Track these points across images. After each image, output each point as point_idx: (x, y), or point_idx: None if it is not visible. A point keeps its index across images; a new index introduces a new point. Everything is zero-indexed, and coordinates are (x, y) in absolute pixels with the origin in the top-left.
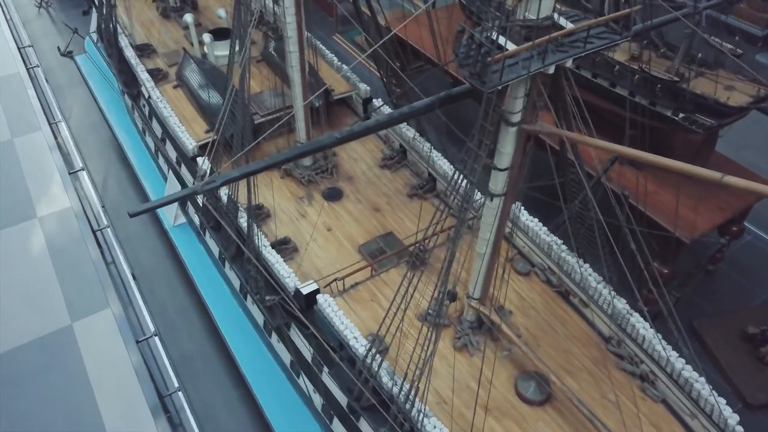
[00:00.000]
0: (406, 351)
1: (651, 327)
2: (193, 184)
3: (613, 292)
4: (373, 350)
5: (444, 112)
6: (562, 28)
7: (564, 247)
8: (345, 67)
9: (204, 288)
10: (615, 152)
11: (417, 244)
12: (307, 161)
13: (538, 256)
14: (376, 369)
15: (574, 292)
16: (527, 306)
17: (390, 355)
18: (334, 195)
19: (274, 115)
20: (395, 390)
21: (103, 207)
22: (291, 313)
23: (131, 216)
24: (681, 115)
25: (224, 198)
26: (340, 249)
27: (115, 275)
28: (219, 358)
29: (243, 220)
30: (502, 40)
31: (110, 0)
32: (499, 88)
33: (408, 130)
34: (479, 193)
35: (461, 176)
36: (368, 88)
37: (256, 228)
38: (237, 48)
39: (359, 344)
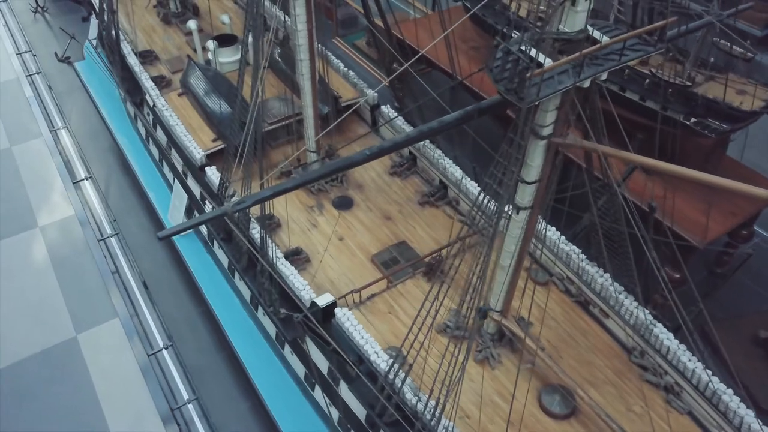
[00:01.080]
0: (428, 364)
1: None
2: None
3: (635, 303)
4: (396, 366)
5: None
6: (595, 40)
7: (583, 256)
8: (351, 73)
9: (213, 299)
10: (651, 167)
11: (434, 255)
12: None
13: (557, 266)
14: (400, 385)
15: (594, 302)
16: (547, 317)
17: (413, 369)
18: (344, 204)
19: (282, 123)
20: (420, 406)
21: (114, 219)
22: (311, 328)
23: (160, 239)
24: (693, 119)
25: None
26: (353, 259)
27: (120, 285)
28: (229, 370)
29: (255, 232)
30: (534, 52)
31: (112, 6)
32: (536, 103)
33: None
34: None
35: (489, 191)
36: (376, 94)
37: (269, 240)
38: (249, 56)
39: (381, 359)
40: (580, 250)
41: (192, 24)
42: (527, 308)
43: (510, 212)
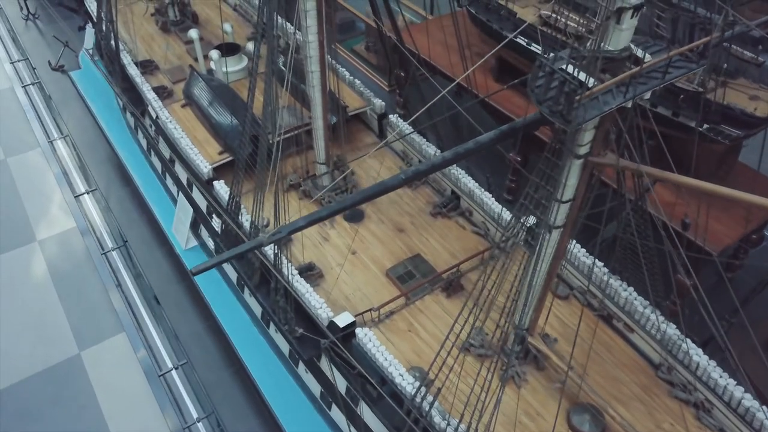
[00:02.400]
0: (452, 383)
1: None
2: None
3: (661, 317)
4: (423, 389)
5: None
6: (638, 58)
7: (605, 269)
8: (357, 81)
9: (222, 315)
10: (698, 188)
11: (452, 270)
12: (326, 180)
13: (578, 279)
14: (428, 409)
15: (617, 316)
16: (570, 332)
17: (437, 389)
18: (355, 216)
19: (290, 134)
20: (449, 431)
21: (119, 232)
22: (335, 351)
23: (194, 274)
24: (705, 125)
25: (246, 225)
26: (367, 273)
27: (123, 299)
28: (239, 386)
29: (268, 248)
30: (576, 71)
31: (110, 15)
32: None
33: (428, 147)
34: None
35: (525, 212)
36: (383, 103)
37: (284, 258)
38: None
39: (406, 382)
40: (602, 263)
41: (193, 33)
42: (549, 323)
43: (543, 232)
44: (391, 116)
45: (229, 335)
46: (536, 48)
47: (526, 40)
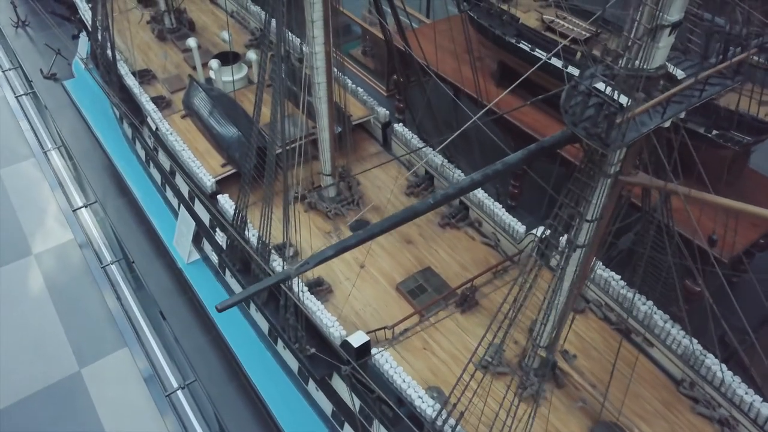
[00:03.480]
0: (474, 405)
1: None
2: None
3: (682, 332)
4: (444, 413)
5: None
6: (672, 75)
7: (623, 282)
8: (360, 90)
9: (228, 331)
10: (730, 208)
11: (466, 285)
12: (332, 192)
13: (594, 292)
14: None
15: (636, 331)
16: (588, 347)
17: (457, 411)
18: (362, 227)
19: (293, 145)
20: None
21: (119, 245)
22: (356, 377)
23: (219, 311)
24: (715, 131)
25: (254, 239)
26: (377, 288)
27: (123, 314)
28: (246, 403)
29: (276, 264)
30: (614, 92)
31: (105, 24)
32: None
33: (435, 156)
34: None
35: (553, 231)
36: (387, 112)
37: (300, 281)
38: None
39: (426, 404)
40: (620, 277)
41: (192, 42)
42: (567, 339)
43: (567, 250)
44: (396, 125)
45: (236, 351)
46: (540, 53)
47: (529, 45)
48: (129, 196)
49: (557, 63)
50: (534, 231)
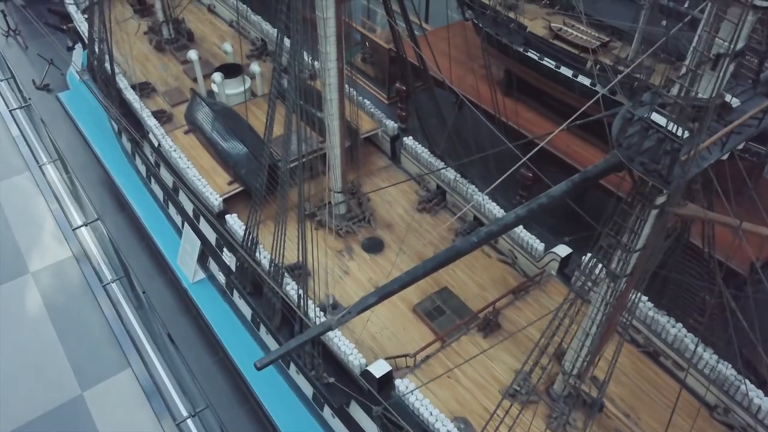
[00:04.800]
0: None
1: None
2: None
3: (715, 356)
4: None
5: None
6: (726, 104)
7: (650, 304)
8: (367, 102)
9: (236, 353)
10: None
11: (488, 309)
12: (342, 209)
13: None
14: None
15: (666, 354)
16: (617, 372)
17: None
18: (375, 246)
19: (302, 160)
20: None
21: (120, 262)
22: (387, 417)
23: (258, 369)
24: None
25: (265, 261)
26: (393, 310)
27: (125, 334)
28: (258, 430)
29: (290, 288)
30: (675, 127)
31: (103, 36)
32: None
33: (448, 171)
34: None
35: (597, 263)
36: (395, 125)
37: (312, 304)
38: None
39: None
40: (647, 298)
41: (193, 54)
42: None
43: (607, 281)
44: (405, 139)
45: (246, 375)
46: (549, 62)
47: (537, 54)
48: (128, 211)
49: (567, 72)
50: (554, 250)
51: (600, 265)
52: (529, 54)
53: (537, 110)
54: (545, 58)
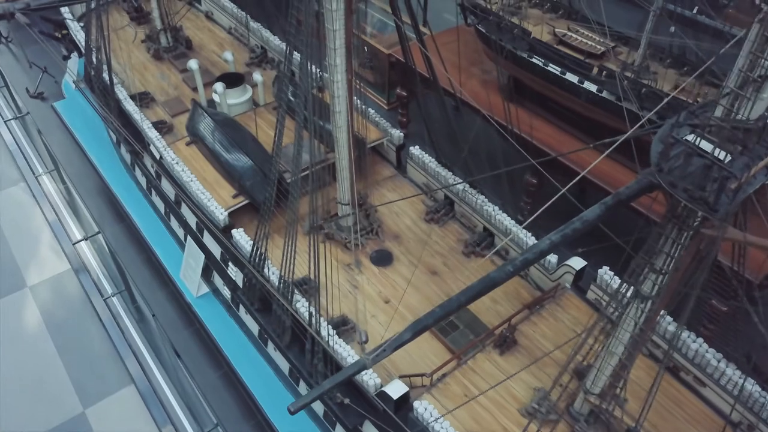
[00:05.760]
0: None
1: None
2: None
3: (738, 372)
4: None
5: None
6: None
7: (670, 318)
8: (371, 111)
9: (243, 369)
10: None
11: (505, 325)
12: (349, 221)
13: None
14: None
15: (686, 369)
16: (637, 388)
17: None
18: (383, 259)
19: (307, 172)
20: None
21: (122, 275)
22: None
23: (292, 413)
24: None
25: (274, 278)
26: (404, 325)
27: (128, 348)
28: None
29: (300, 305)
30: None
31: (103, 46)
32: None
33: (456, 181)
34: None
35: (627, 286)
36: (401, 134)
37: (327, 325)
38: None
39: None
40: (666, 312)
41: (193, 64)
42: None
43: (635, 302)
44: (411, 148)
45: (253, 391)
46: (554, 68)
47: (542, 60)
48: (126, 222)
49: (573, 78)
50: (568, 262)
51: (629, 287)
52: (533, 60)
53: (541, 116)
54: (550, 64)
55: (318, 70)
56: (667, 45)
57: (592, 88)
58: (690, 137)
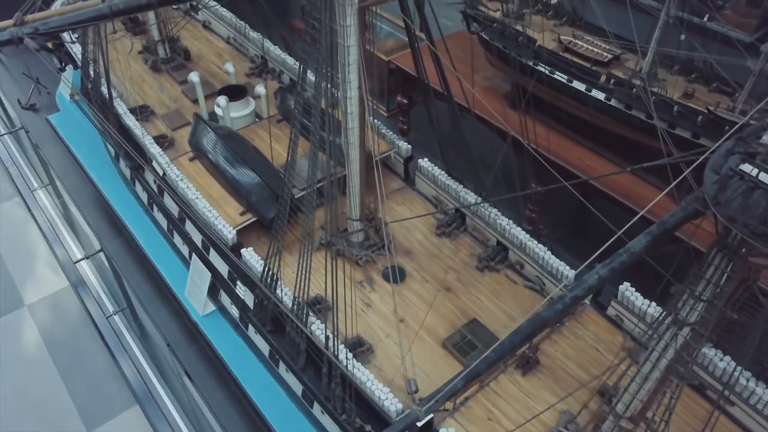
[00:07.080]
0: None
1: None
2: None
3: (767, 390)
4: None
5: None
6: None
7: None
8: (378, 122)
9: (252, 389)
10: None
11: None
12: (360, 236)
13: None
14: None
15: (713, 388)
16: (663, 407)
17: None
18: (397, 276)
19: (315, 187)
20: None
21: (126, 292)
22: None
23: None
24: None
25: (287, 299)
26: (422, 346)
27: (132, 368)
28: None
29: (315, 327)
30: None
31: (101, 59)
32: None
33: (468, 194)
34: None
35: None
36: (409, 146)
37: (344, 348)
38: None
39: None
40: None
41: (194, 77)
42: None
43: (673, 331)
44: (420, 161)
45: (263, 412)
46: (560, 76)
47: (548, 68)
48: (126, 237)
49: (580, 86)
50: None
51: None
52: (539, 68)
53: (546, 123)
54: (556, 72)
55: (331, 87)
56: (676, 52)
57: (600, 96)
58: (746, 167)
